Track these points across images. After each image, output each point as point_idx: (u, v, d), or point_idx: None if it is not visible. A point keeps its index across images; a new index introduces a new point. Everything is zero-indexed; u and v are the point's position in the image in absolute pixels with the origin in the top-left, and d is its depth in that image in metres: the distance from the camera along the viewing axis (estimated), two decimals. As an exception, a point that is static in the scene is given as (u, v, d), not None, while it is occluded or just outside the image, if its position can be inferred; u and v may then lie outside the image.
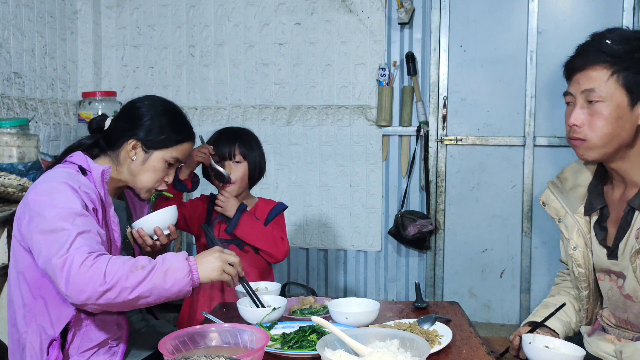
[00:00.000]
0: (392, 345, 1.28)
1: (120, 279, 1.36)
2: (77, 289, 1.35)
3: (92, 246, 1.40)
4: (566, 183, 1.74)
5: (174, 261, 1.43)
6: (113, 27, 3.76)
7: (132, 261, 1.41)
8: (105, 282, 1.35)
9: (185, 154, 1.77)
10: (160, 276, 1.40)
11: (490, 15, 3.41)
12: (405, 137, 3.52)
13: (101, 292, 1.36)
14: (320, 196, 3.61)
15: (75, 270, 1.35)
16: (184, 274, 1.42)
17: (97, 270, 1.35)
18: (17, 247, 1.55)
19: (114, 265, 1.37)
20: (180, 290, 1.42)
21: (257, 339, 1.34)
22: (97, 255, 1.38)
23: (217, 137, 2.23)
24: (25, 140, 2.49)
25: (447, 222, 3.54)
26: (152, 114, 1.71)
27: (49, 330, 1.53)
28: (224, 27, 3.66)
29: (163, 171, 1.72)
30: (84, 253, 1.36)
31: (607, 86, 1.47)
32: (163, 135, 1.69)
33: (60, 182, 1.50)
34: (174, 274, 1.41)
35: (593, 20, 3.28)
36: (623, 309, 1.57)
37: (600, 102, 1.48)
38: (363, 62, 3.51)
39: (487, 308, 3.53)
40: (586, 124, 1.51)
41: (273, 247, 2.21)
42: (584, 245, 1.65)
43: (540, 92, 3.37)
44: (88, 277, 1.35)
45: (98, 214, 1.56)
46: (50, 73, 3.30)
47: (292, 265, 3.73)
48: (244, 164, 2.22)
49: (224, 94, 3.70)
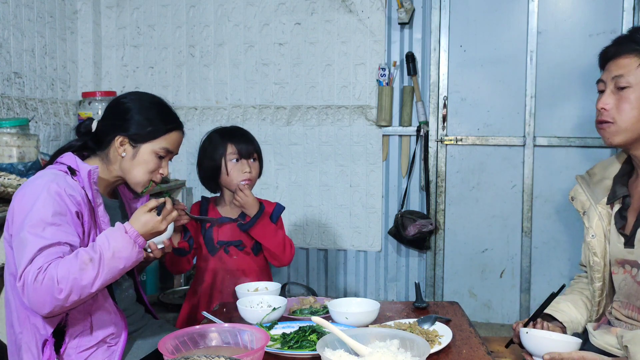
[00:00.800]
0: (392, 345, 1.28)
1: (75, 280, 1.40)
2: (39, 305, 1.40)
3: (46, 259, 1.42)
4: (594, 177, 1.79)
5: (116, 241, 1.46)
6: (113, 27, 3.76)
7: (77, 258, 1.42)
8: (62, 290, 1.39)
9: (175, 144, 1.74)
10: (110, 262, 1.44)
11: (490, 15, 3.41)
12: (405, 137, 3.52)
13: (62, 299, 1.39)
14: (320, 196, 3.61)
15: (30, 288, 1.39)
16: (130, 249, 1.47)
17: (49, 281, 1.38)
18: (7, 248, 1.56)
19: (63, 269, 1.40)
20: (134, 261, 1.49)
21: (257, 339, 1.34)
22: (47, 267, 1.40)
23: (230, 135, 2.20)
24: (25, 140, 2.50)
25: (447, 222, 3.54)
26: (137, 107, 1.70)
27: (42, 330, 1.53)
28: (224, 27, 3.66)
29: (155, 164, 1.70)
30: (36, 269, 1.39)
31: (636, 73, 1.54)
32: (149, 127, 1.68)
33: (42, 186, 1.51)
34: (121, 253, 1.45)
35: (593, 20, 3.28)
36: (636, 296, 1.59)
37: (629, 88, 1.55)
38: (363, 62, 3.51)
39: (487, 308, 3.53)
40: (614, 108, 1.58)
41: (282, 251, 2.21)
42: (602, 235, 1.69)
43: (540, 92, 3.37)
44: (44, 291, 1.38)
45: (84, 216, 1.56)
46: (50, 73, 3.30)
47: (292, 265, 3.73)
48: (258, 162, 2.23)
49: (224, 94, 3.70)
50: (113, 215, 1.73)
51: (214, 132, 2.26)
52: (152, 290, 3.42)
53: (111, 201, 1.77)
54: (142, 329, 1.84)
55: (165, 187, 3.46)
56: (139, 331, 1.82)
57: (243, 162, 2.16)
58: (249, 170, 2.16)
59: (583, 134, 3.31)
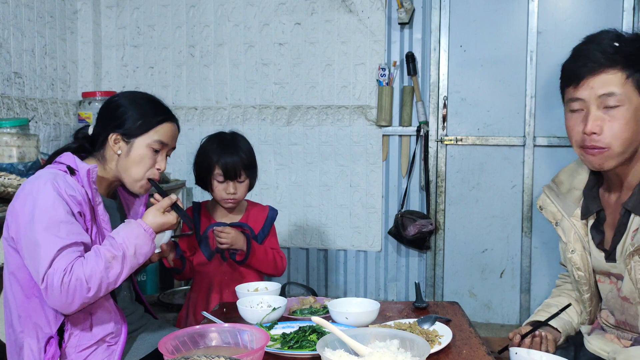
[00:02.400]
0: (392, 345, 1.28)
1: (102, 278, 1.46)
2: (65, 305, 1.45)
3: (67, 261, 1.44)
4: (562, 186, 1.72)
5: (138, 239, 1.53)
6: (113, 27, 3.76)
7: (100, 256, 1.47)
8: (90, 288, 1.44)
9: (169, 136, 1.74)
10: (133, 259, 1.52)
11: (490, 15, 3.41)
12: (405, 137, 3.52)
13: (91, 297, 1.45)
14: (320, 196, 3.61)
15: (57, 290, 1.42)
16: (149, 245, 1.55)
17: (77, 282, 1.42)
18: (8, 248, 1.56)
19: (89, 267, 1.44)
20: (147, 255, 1.56)
21: (257, 339, 1.34)
22: (71, 268, 1.43)
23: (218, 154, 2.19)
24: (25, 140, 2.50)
25: (447, 222, 3.54)
26: (127, 103, 1.71)
27: (46, 329, 1.54)
28: (224, 27, 3.66)
29: (150, 159, 1.71)
30: (61, 272, 1.42)
31: (625, 89, 1.41)
32: (140, 120, 1.68)
33: (46, 186, 1.51)
34: (142, 249, 1.53)
35: (593, 20, 3.28)
36: (621, 310, 1.58)
37: (620, 107, 1.41)
38: (363, 62, 3.51)
39: (487, 308, 3.53)
40: (606, 131, 1.44)
41: (273, 269, 2.27)
42: (582, 249, 1.64)
43: (540, 92, 3.37)
44: (72, 291, 1.43)
45: (86, 215, 1.57)
46: (50, 73, 3.30)
47: (292, 265, 3.73)
48: (246, 181, 2.23)
49: (224, 94, 3.70)
50: (111, 215, 1.73)
51: (207, 143, 2.26)
52: (152, 290, 3.43)
53: (110, 201, 1.77)
54: (141, 328, 1.84)
55: (165, 187, 3.47)
56: (138, 330, 1.82)
57: (228, 184, 2.18)
58: (232, 192, 2.19)
59: (583, 134, 3.30)
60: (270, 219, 2.31)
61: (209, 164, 2.19)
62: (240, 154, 2.19)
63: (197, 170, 2.26)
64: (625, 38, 1.45)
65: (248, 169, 2.22)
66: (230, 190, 2.18)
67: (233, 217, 2.29)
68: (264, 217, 2.30)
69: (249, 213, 2.31)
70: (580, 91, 1.47)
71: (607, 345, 1.59)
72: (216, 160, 2.18)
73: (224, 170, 2.17)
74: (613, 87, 1.42)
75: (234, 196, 2.19)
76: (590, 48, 1.46)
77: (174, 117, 1.78)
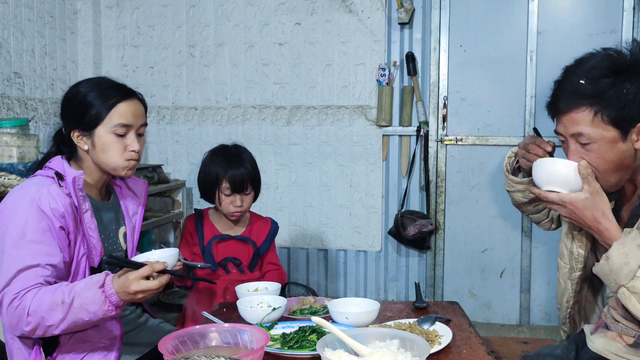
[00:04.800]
0: (392, 345, 1.28)
1: (42, 318, 1.41)
2: (11, 326, 1.45)
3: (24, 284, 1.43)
4: None
5: (88, 293, 1.41)
6: (113, 27, 3.76)
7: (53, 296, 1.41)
8: (30, 323, 1.42)
9: (128, 116, 1.62)
10: (77, 311, 1.41)
11: (490, 15, 3.41)
12: (405, 137, 3.52)
13: (29, 331, 1.43)
14: (320, 196, 3.61)
15: (5, 311, 1.43)
16: (99, 305, 1.40)
17: (21, 311, 1.42)
18: None
19: (36, 303, 1.41)
20: (102, 318, 1.43)
21: (257, 339, 1.34)
22: (24, 295, 1.42)
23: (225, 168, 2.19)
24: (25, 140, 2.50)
25: (447, 222, 3.54)
26: (78, 95, 1.63)
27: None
28: (224, 27, 3.66)
29: (118, 143, 1.61)
30: (13, 294, 1.42)
31: (594, 127, 1.44)
32: (92, 109, 1.60)
33: (24, 199, 1.48)
34: (89, 307, 1.40)
35: (593, 20, 3.28)
36: None
37: (592, 144, 1.46)
38: (363, 62, 3.51)
39: (487, 308, 3.53)
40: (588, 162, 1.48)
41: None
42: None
43: (540, 92, 3.37)
44: (16, 318, 1.42)
45: (69, 228, 1.53)
46: (50, 73, 3.30)
47: (292, 265, 3.73)
48: (252, 193, 2.25)
49: (224, 94, 3.70)
50: (107, 217, 1.71)
51: (211, 158, 2.27)
52: (152, 290, 3.42)
53: (104, 203, 1.73)
54: (139, 328, 1.84)
55: (165, 187, 3.47)
56: (136, 330, 1.81)
57: (235, 197, 2.20)
58: (239, 204, 2.20)
59: (583, 134, 3.31)
60: (272, 233, 2.34)
61: (216, 178, 2.20)
62: (246, 167, 2.21)
63: (202, 184, 2.26)
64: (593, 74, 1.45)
65: (254, 181, 2.24)
66: (237, 203, 2.20)
67: (236, 229, 2.30)
68: (266, 231, 2.33)
69: (252, 226, 2.33)
70: (558, 127, 1.54)
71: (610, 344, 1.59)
72: (223, 174, 2.19)
73: (231, 184, 2.18)
74: (581, 127, 1.46)
75: (240, 209, 2.21)
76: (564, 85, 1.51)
77: (129, 94, 1.65)
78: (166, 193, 3.57)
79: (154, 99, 3.76)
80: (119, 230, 1.76)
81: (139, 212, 1.84)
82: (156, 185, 3.40)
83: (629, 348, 1.54)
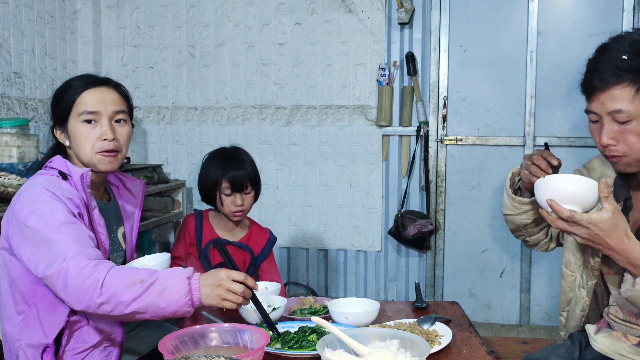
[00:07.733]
0: (392, 345, 1.28)
1: (117, 292, 1.35)
2: (75, 297, 1.36)
3: (87, 253, 1.39)
4: (593, 173, 1.71)
5: (173, 281, 1.38)
6: (113, 27, 3.76)
7: (132, 274, 1.38)
8: (102, 294, 1.34)
9: (93, 103, 1.60)
10: (155, 295, 1.36)
11: (490, 15, 3.41)
12: (405, 137, 3.52)
13: (98, 304, 1.35)
14: (320, 196, 3.61)
15: (73, 278, 1.35)
16: (180, 295, 1.37)
17: (94, 281, 1.34)
18: (7, 256, 1.51)
19: (112, 276, 1.36)
20: (176, 310, 1.38)
21: (257, 339, 1.34)
22: (96, 264, 1.36)
23: (224, 168, 2.22)
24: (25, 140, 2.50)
25: (447, 222, 3.54)
26: (55, 93, 1.66)
27: (42, 338, 1.50)
28: (224, 27, 3.66)
29: (89, 132, 1.59)
30: (81, 261, 1.36)
31: (635, 104, 1.41)
32: (62, 102, 1.62)
33: (42, 191, 1.47)
34: (169, 295, 1.37)
35: (593, 20, 3.28)
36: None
37: (632, 121, 1.43)
38: (363, 62, 3.51)
39: (487, 308, 3.53)
40: (620, 141, 1.46)
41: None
42: None
43: (540, 92, 3.37)
44: (86, 287, 1.35)
45: (84, 218, 1.53)
46: (50, 73, 3.30)
47: (292, 265, 3.73)
48: (252, 193, 2.26)
49: (224, 94, 3.70)
50: (108, 217, 1.70)
51: (210, 160, 2.28)
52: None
53: (104, 203, 1.73)
54: (140, 327, 1.83)
55: (164, 187, 3.47)
56: (137, 330, 1.81)
57: (236, 196, 2.21)
58: (240, 203, 2.21)
59: (583, 134, 3.31)
60: (270, 243, 2.34)
61: (215, 179, 2.21)
62: (245, 166, 2.23)
63: (202, 186, 2.27)
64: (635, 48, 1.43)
65: (253, 180, 2.25)
66: (238, 202, 2.20)
67: (236, 234, 2.30)
68: (264, 241, 2.33)
69: (251, 233, 2.33)
70: (593, 105, 1.49)
71: (614, 344, 1.58)
72: (222, 174, 2.20)
73: (231, 183, 2.19)
74: (621, 104, 1.42)
75: (241, 208, 2.22)
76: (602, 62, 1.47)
77: (97, 82, 1.65)
78: (166, 193, 3.57)
79: (154, 99, 3.76)
80: (118, 231, 1.76)
81: (136, 213, 1.84)
82: (156, 185, 3.40)
83: (634, 348, 1.54)
